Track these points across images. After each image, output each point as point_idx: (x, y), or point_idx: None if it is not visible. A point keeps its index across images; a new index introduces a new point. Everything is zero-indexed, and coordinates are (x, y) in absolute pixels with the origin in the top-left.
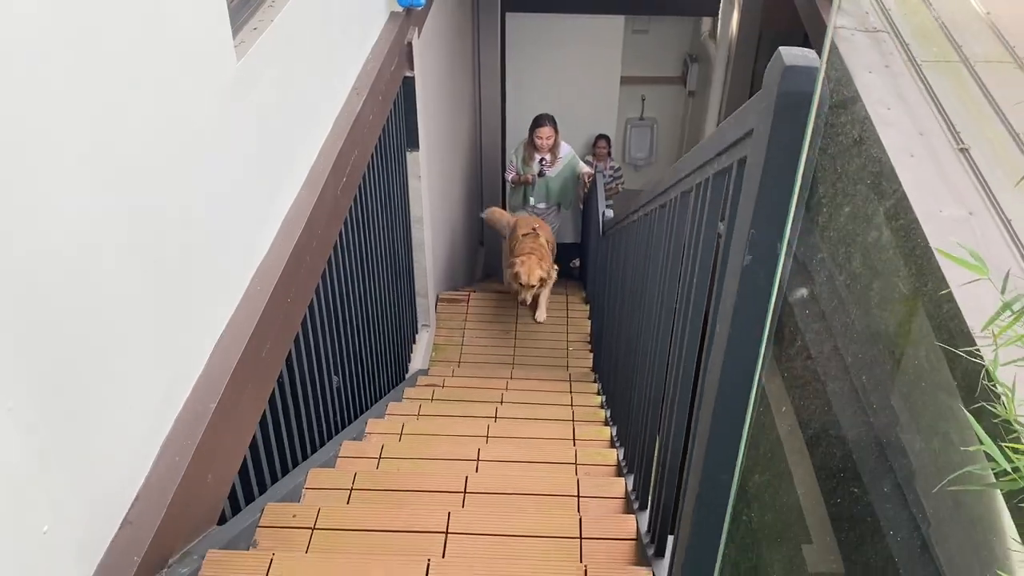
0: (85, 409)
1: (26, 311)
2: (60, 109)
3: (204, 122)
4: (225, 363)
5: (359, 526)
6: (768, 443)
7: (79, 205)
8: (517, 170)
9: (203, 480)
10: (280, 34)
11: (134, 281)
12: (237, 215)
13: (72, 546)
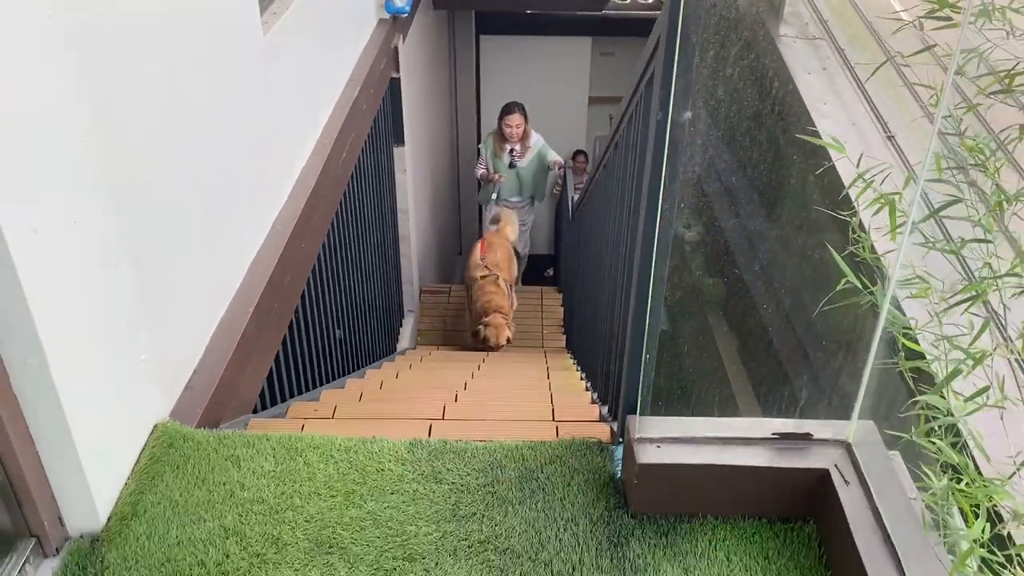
0: (164, 281)
1: (138, 216)
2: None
3: (240, 84)
4: (258, 280)
5: (370, 414)
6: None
7: (167, 141)
8: (487, 163)
9: (243, 370)
10: (293, 21)
11: (194, 198)
12: (264, 164)
13: (156, 383)
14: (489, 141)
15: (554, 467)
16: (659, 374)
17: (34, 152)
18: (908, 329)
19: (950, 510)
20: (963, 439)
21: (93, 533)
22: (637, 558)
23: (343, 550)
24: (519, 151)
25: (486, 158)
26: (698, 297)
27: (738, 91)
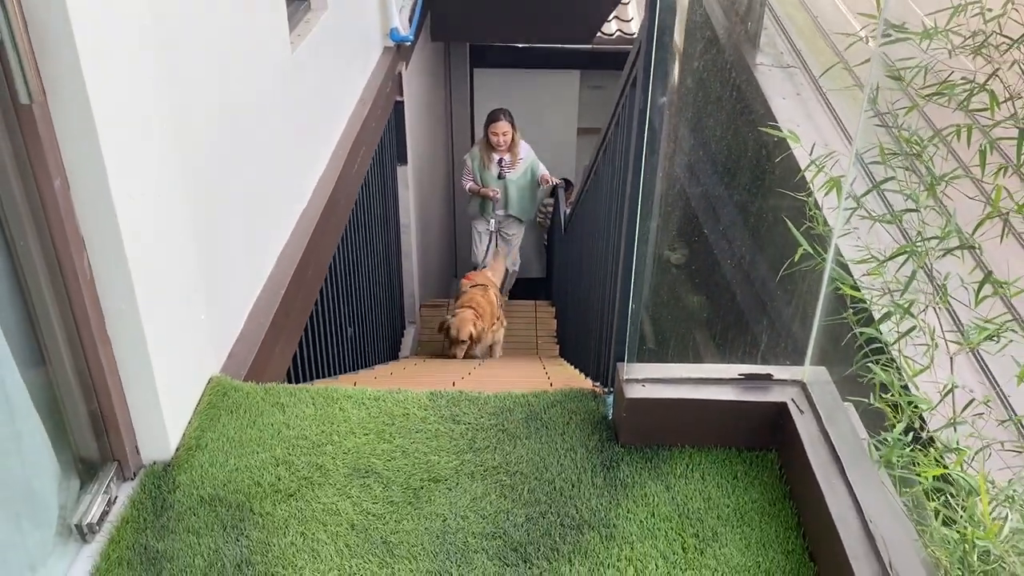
0: (214, 255)
1: (195, 196)
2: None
3: (274, 91)
4: (285, 270)
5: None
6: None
7: (216, 134)
8: (475, 177)
9: (274, 347)
10: (314, 43)
11: (236, 185)
12: (291, 164)
13: (210, 342)
14: (476, 152)
15: (555, 410)
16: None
17: (132, 132)
18: (855, 289)
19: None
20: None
21: (164, 461)
22: (626, 478)
23: (377, 475)
24: (509, 161)
25: (473, 171)
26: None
27: (718, 112)
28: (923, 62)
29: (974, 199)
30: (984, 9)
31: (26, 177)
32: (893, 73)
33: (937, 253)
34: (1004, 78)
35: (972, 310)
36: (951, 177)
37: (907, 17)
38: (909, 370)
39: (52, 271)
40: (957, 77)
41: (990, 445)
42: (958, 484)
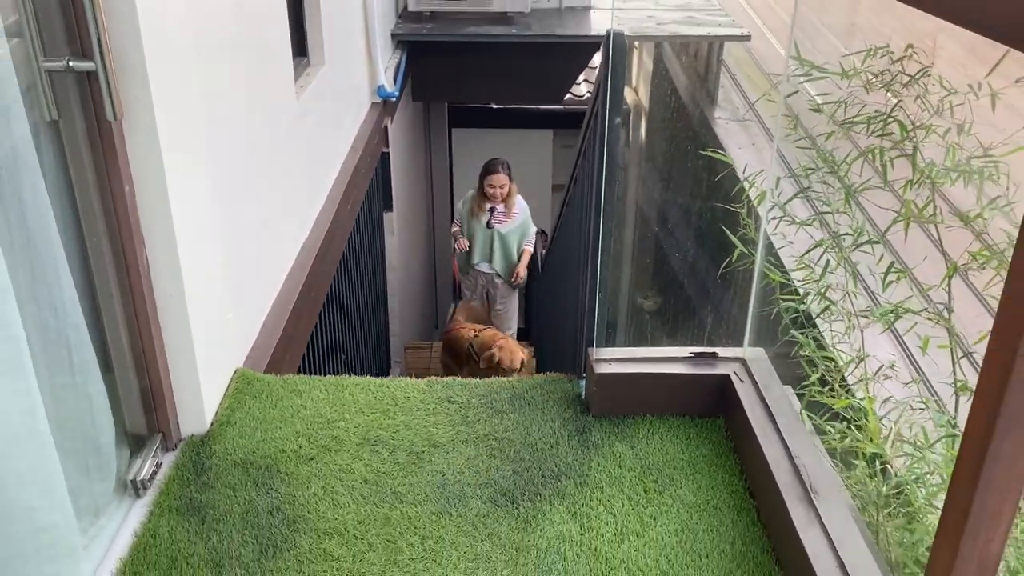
0: (237, 263)
1: (223, 208)
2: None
3: (283, 130)
4: (292, 289)
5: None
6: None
7: (242, 155)
8: (462, 222)
9: (284, 354)
10: (314, 93)
11: (254, 206)
12: (296, 195)
13: (236, 336)
14: (468, 198)
15: (536, 390)
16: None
17: (185, 154)
18: (785, 280)
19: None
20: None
21: (201, 434)
22: (597, 440)
23: (384, 443)
24: (502, 212)
25: (461, 216)
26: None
27: (683, 159)
28: (842, 96)
29: (887, 209)
30: (889, 52)
31: (102, 183)
32: (814, 106)
33: (851, 247)
34: (906, 108)
35: (881, 294)
36: (861, 188)
37: (834, 58)
38: (828, 339)
39: (118, 262)
40: (870, 108)
41: (892, 399)
42: (857, 413)
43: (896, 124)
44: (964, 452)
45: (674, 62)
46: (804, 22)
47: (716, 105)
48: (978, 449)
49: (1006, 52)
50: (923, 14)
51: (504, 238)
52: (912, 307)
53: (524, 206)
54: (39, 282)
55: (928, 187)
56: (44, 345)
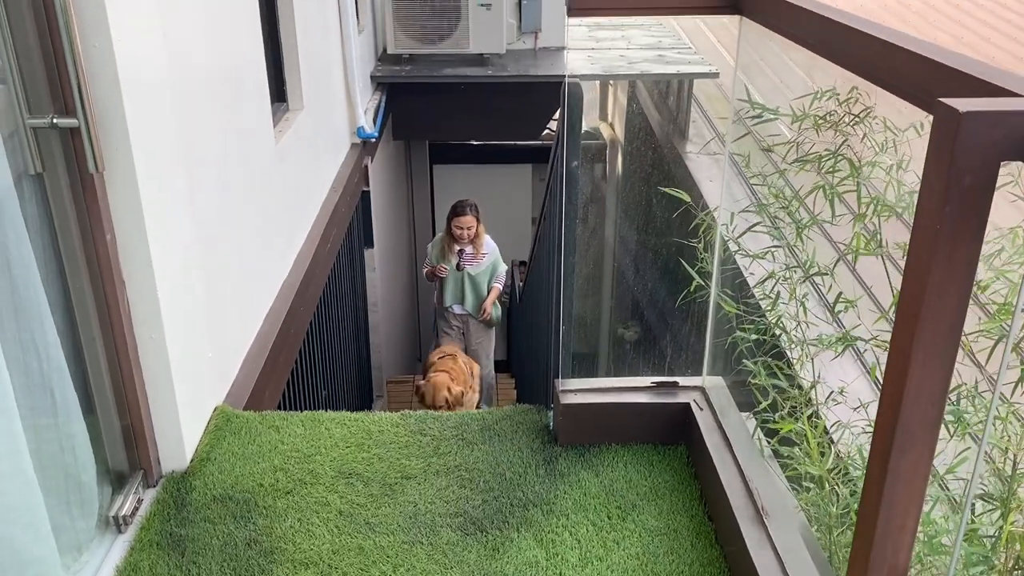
0: (217, 306)
1: (204, 253)
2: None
3: (261, 174)
4: (272, 327)
5: None
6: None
7: (217, 200)
8: (432, 264)
9: (264, 391)
10: (293, 138)
11: (232, 253)
12: (275, 236)
13: (216, 374)
14: (437, 241)
15: (506, 422)
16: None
17: (164, 201)
18: (737, 311)
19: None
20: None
21: (181, 470)
22: (563, 469)
23: (359, 475)
24: (471, 253)
25: (432, 259)
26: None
27: (652, 193)
28: (794, 137)
29: (840, 242)
30: (835, 94)
31: (85, 231)
32: (764, 146)
33: (801, 279)
34: (852, 146)
35: (830, 323)
36: (810, 223)
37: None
38: (780, 369)
39: (100, 306)
40: (820, 147)
41: (841, 424)
42: (802, 436)
43: (845, 162)
44: (869, 471)
45: (647, 98)
46: (773, 58)
47: (687, 140)
48: (880, 468)
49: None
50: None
51: (474, 279)
52: (862, 333)
53: (493, 246)
54: (23, 328)
55: (874, 219)
56: (28, 388)
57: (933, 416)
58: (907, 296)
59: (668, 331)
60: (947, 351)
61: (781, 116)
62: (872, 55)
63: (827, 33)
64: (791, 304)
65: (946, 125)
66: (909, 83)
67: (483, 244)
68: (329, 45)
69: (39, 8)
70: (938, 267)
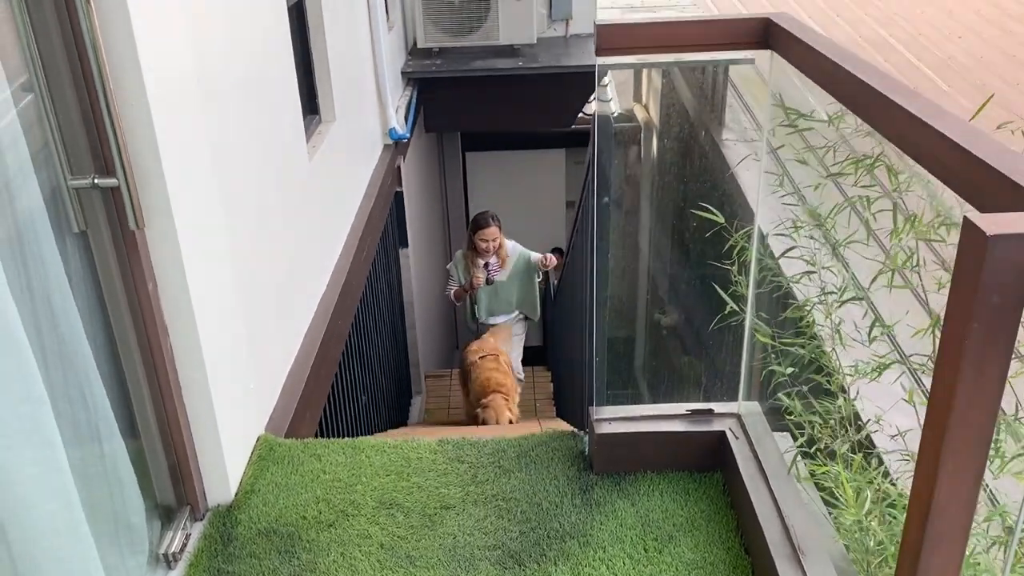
0: (258, 337)
1: (243, 285)
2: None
3: (296, 194)
4: (311, 347)
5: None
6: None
7: (255, 225)
8: (458, 283)
9: (305, 411)
10: (327, 151)
11: (268, 277)
12: (311, 255)
13: (258, 403)
14: (459, 258)
15: (542, 448)
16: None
17: (204, 248)
18: (770, 339)
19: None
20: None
21: (227, 504)
22: (599, 498)
23: (399, 506)
24: (496, 264)
25: (458, 278)
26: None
27: (688, 185)
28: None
29: (871, 259)
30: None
31: (127, 283)
32: (800, 157)
33: (837, 303)
34: (887, 155)
35: (867, 347)
36: (847, 242)
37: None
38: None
39: (144, 352)
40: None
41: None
42: (836, 480)
43: (883, 169)
44: (900, 565)
45: (681, 81)
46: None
47: (724, 126)
48: (911, 563)
49: (990, 96)
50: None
51: (504, 285)
52: (900, 359)
53: (512, 244)
54: (71, 383)
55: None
56: (77, 440)
57: (963, 522)
58: (935, 409)
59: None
60: (976, 461)
61: (817, 122)
62: (897, 124)
63: (851, 87)
64: (829, 328)
65: (973, 244)
66: (936, 164)
67: (505, 251)
68: (359, 48)
69: (78, 73)
70: (966, 383)
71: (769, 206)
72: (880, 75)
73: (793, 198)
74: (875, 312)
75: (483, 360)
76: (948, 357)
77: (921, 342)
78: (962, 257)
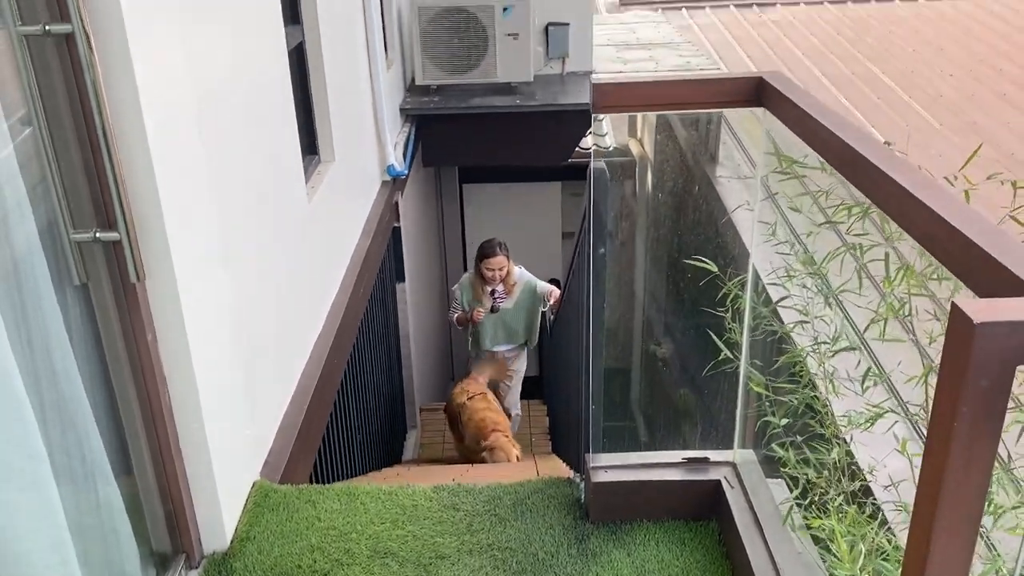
0: (254, 381)
1: (242, 325)
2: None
3: (294, 236)
4: (307, 388)
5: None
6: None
7: (255, 265)
8: (463, 310)
9: (300, 453)
10: (325, 193)
11: (269, 324)
12: (307, 295)
13: (254, 447)
14: (466, 284)
15: (538, 496)
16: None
17: (204, 291)
18: (762, 388)
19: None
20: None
21: (222, 551)
22: (595, 548)
23: (394, 555)
24: (503, 292)
25: (462, 304)
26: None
27: (682, 221)
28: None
29: (864, 307)
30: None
31: (127, 334)
32: (793, 205)
33: (830, 353)
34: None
35: (859, 396)
36: (840, 290)
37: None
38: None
39: (142, 402)
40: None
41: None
42: (829, 531)
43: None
44: None
45: (675, 118)
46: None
47: (717, 163)
48: None
49: (979, 146)
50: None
51: (510, 313)
52: (893, 408)
53: (520, 271)
54: (69, 436)
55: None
56: (74, 492)
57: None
58: (926, 486)
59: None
60: (966, 539)
61: (810, 168)
62: (888, 195)
63: (844, 155)
64: (823, 377)
65: (962, 330)
66: (927, 239)
67: (512, 278)
68: (359, 86)
69: (81, 128)
70: (955, 464)
71: (763, 253)
72: (871, 143)
73: (786, 246)
74: (872, 359)
75: (472, 401)
76: (937, 440)
77: (916, 389)
78: (951, 341)
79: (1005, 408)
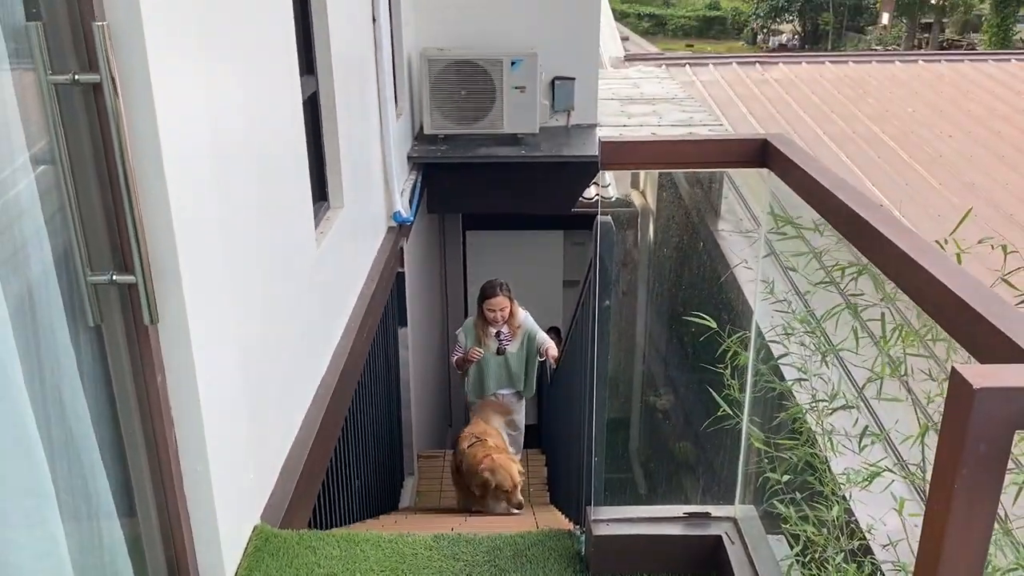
0: (258, 425)
1: (247, 374)
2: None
3: (302, 282)
4: (308, 433)
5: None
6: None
7: (260, 308)
8: (464, 352)
9: (301, 498)
10: (333, 238)
11: (276, 370)
12: (311, 341)
13: (256, 492)
14: (469, 327)
15: (538, 547)
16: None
17: (215, 334)
18: (763, 444)
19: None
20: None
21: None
22: None
23: None
24: (508, 334)
25: (463, 346)
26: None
27: (683, 273)
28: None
29: (859, 366)
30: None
31: (137, 376)
32: (791, 264)
33: (827, 411)
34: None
35: (857, 454)
36: (838, 349)
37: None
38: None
39: (148, 443)
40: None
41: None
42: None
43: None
44: None
45: (678, 172)
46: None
47: (720, 217)
48: None
49: (968, 211)
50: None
51: (514, 357)
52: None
53: (525, 314)
54: (75, 475)
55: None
56: (78, 530)
57: None
58: (926, 548)
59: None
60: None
61: (805, 229)
62: (888, 258)
63: (846, 218)
64: (822, 434)
65: (961, 395)
66: (926, 302)
67: (517, 320)
68: (369, 134)
69: (103, 175)
70: (955, 525)
71: (764, 309)
72: (872, 207)
73: (784, 305)
74: (871, 417)
75: (471, 448)
76: (938, 501)
77: (913, 448)
78: (951, 406)
79: (1004, 471)
